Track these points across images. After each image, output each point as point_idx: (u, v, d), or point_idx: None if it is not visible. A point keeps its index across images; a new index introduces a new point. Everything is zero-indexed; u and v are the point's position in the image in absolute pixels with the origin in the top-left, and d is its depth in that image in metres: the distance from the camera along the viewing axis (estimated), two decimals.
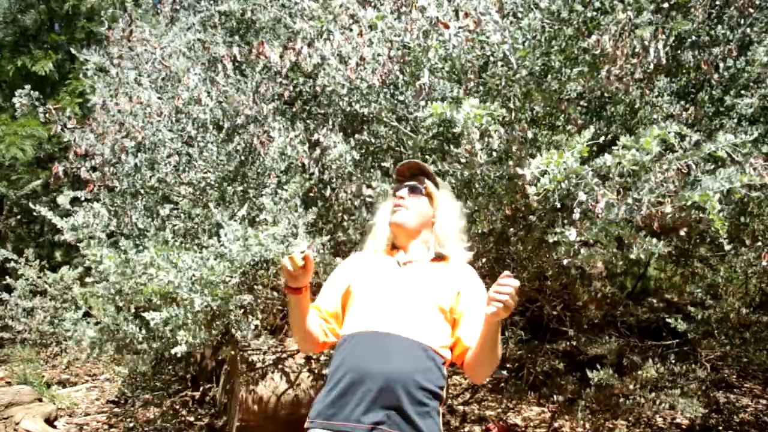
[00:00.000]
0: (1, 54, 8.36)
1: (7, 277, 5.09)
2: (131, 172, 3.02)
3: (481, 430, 4.17)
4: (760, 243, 2.73)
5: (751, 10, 2.49)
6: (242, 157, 2.93)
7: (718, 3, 2.59)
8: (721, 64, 2.55)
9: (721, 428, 3.94)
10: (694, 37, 2.63)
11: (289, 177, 2.81)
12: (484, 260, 3.41)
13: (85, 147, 3.06)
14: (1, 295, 5.03)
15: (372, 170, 2.74)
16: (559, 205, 2.35)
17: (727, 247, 2.52)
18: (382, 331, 1.64)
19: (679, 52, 2.65)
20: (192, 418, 4.63)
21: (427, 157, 2.73)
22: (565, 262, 2.40)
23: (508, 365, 4.68)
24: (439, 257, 1.83)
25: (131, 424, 4.59)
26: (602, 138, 2.59)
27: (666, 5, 2.53)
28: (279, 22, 3.15)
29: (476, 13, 2.38)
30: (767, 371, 4.30)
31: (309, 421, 1.63)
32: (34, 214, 3.31)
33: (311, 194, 3.00)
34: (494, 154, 2.46)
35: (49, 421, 4.52)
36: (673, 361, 3.50)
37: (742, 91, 2.55)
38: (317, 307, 1.81)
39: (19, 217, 7.79)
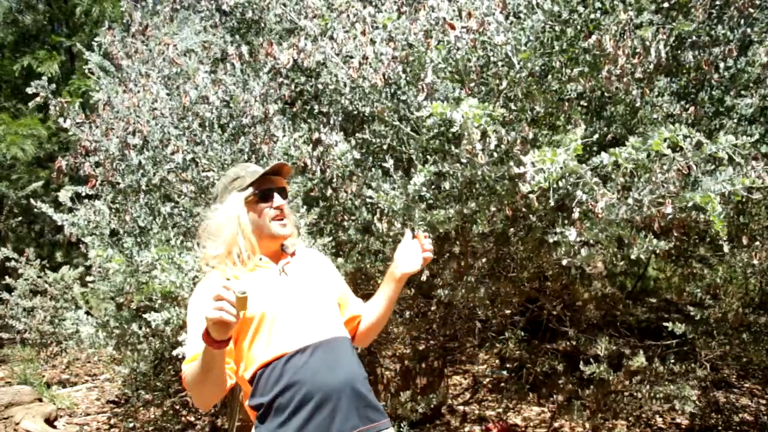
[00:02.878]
0: (2, 54, 8.37)
1: (7, 276, 5.11)
2: (135, 168, 3.02)
3: (481, 430, 4.17)
4: (758, 243, 2.74)
5: (751, 10, 2.51)
6: (247, 157, 2.94)
7: (718, 3, 2.60)
8: (721, 64, 2.57)
9: (720, 428, 3.94)
10: (694, 37, 2.64)
11: (290, 177, 2.81)
12: (484, 260, 3.42)
13: (92, 142, 3.06)
14: (2, 295, 5.05)
15: (373, 169, 2.75)
16: (558, 203, 2.36)
17: (726, 248, 2.53)
18: (316, 342, 1.59)
19: (679, 52, 2.67)
20: (192, 418, 4.63)
21: (428, 157, 2.73)
22: (564, 262, 2.40)
23: (508, 365, 4.69)
24: (293, 251, 1.77)
25: (132, 424, 4.59)
26: (603, 137, 2.59)
27: (666, 5, 2.55)
28: (281, 21, 3.16)
29: (480, 14, 2.39)
30: (767, 371, 4.31)
31: None
32: (35, 211, 3.32)
33: (312, 194, 3.01)
34: (495, 155, 2.46)
35: (49, 421, 4.52)
36: (673, 361, 3.51)
37: (742, 92, 2.57)
38: None
39: (19, 217, 7.80)
